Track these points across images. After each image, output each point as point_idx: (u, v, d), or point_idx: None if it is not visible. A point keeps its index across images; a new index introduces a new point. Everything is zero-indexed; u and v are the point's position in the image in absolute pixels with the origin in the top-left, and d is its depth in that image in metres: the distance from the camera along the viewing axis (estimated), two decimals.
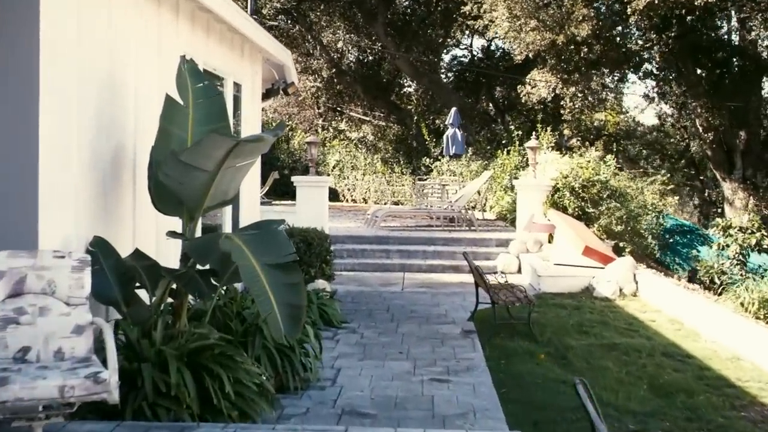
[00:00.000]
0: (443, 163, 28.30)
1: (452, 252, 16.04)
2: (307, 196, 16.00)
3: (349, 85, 32.32)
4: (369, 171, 31.73)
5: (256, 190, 13.21)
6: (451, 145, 21.03)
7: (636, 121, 39.77)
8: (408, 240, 16.71)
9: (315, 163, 16.38)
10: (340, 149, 33.86)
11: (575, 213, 15.72)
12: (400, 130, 33.28)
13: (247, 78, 12.39)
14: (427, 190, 23.93)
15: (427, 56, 31.60)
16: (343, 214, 24.42)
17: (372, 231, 17.82)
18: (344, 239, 16.69)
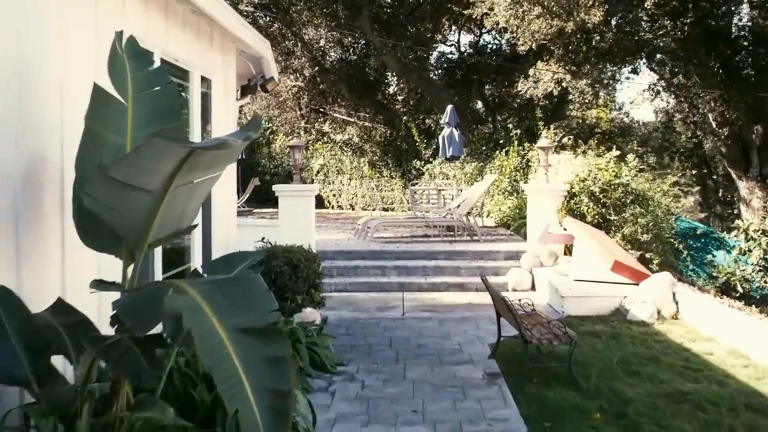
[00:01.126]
0: (435, 165, 26.52)
1: (456, 267, 14.20)
2: (290, 208, 14.12)
3: (332, 84, 30.42)
4: (356, 175, 29.91)
5: (231, 202, 11.33)
6: (447, 147, 19.18)
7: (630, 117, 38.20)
8: (406, 254, 14.85)
9: (299, 168, 14.51)
10: (324, 153, 32.01)
11: (594, 221, 13.90)
12: (387, 131, 31.43)
13: (218, 72, 10.51)
14: (419, 196, 22.09)
15: (416, 52, 29.75)
16: (330, 223, 22.53)
17: (364, 244, 15.96)
18: (334, 255, 14.82)
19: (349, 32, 29.70)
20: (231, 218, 11.26)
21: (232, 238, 11.26)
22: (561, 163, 15.48)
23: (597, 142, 28.25)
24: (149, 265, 7.83)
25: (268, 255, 10.46)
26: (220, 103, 10.64)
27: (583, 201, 13.95)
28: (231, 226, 11.24)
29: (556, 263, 13.98)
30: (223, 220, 10.75)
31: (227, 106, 10.94)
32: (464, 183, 24.51)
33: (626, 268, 11.74)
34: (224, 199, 10.82)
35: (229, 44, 10.94)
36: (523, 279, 13.72)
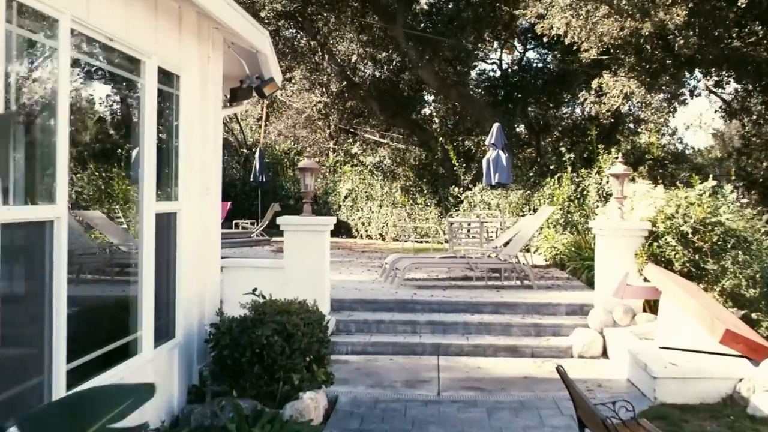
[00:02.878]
0: (475, 193, 23.60)
1: (506, 324, 11.25)
2: (298, 246, 11.25)
3: (362, 101, 27.60)
4: (387, 202, 27.02)
5: (211, 236, 8.46)
6: (493, 172, 16.25)
7: (684, 143, 35.11)
8: (442, 306, 11.90)
9: (311, 196, 11.65)
10: (353, 176, 29.16)
11: (683, 269, 10.88)
12: (422, 154, 28.53)
13: (192, 66, 7.69)
14: (458, 229, 19.14)
15: (455, 66, 26.85)
16: (355, 257, 19.65)
17: (391, 290, 13.05)
18: (353, 305, 11.94)
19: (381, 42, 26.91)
20: (210, 260, 8.43)
21: (210, 289, 8.42)
22: (637, 194, 12.49)
23: (648, 168, 25.21)
24: (43, 340, 5.03)
25: (253, 320, 7.58)
26: (194, 108, 7.81)
27: (670, 244, 10.94)
28: (209, 270, 8.41)
29: (633, 322, 10.99)
30: (196, 262, 7.93)
31: (205, 113, 8.11)
32: (509, 214, 21.58)
33: (741, 340, 8.71)
34: (199, 232, 7.99)
35: (210, 32, 8.13)
36: (592, 343, 10.71)
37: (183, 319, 7.59)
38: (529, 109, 29.06)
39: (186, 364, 7.76)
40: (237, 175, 33.79)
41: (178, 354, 7.50)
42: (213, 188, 8.45)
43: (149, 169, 6.66)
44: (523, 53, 31.00)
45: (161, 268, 7.18)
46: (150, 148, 6.67)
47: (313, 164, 11.60)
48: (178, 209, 7.46)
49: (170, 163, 7.44)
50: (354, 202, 28.46)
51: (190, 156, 7.75)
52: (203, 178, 8.12)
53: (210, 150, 8.30)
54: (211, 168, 8.38)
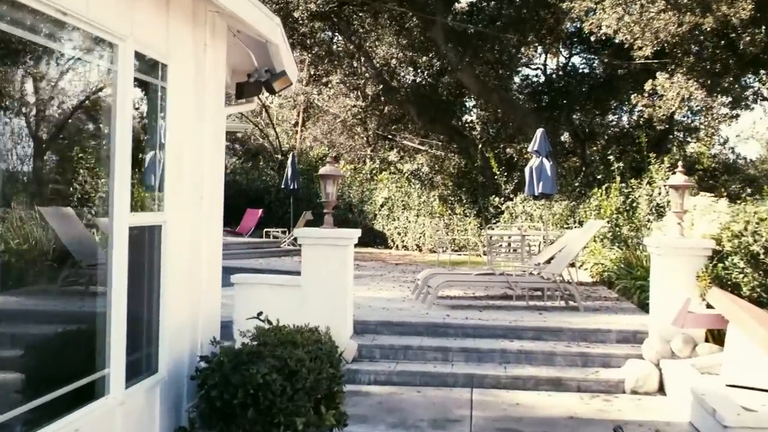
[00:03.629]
0: (516, 203, 22.34)
1: (549, 353, 10.01)
2: (317, 262, 10.10)
3: (400, 105, 26.43)
4: (424, 211, 25.80)
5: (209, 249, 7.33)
6: (536, 181, 14.98)
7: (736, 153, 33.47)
8: (478, 330, 10.67)
9: (332, 206, 10.48)
10: (390, 184, 27.99)
11: (753, 294, 9.54)
12: (462, 162, 27.28)
13: (184, 54, 6.57)
14: (498, 242, 17.89)
15: (497, 69, 25.59)
16: (388, 270, 18.49)
17: (422, 310, 11.85)
18: (378, 327, 10.77)
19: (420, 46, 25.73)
20: (206, 280, 7.28)
21: (205, 314, 7.27)
22: (698, 209, 11.18)
23: (697, 179, 23.85)
24: None
25: (250, 354, 6.42)
26: (187, 104, 6.70)
27: (737, 265, 9.61)
28: (205, 292, 7.26)
29: (694, 353, 9.68)
30: (187, 283, 6.81)
31: (202, 109, 6.98)
32: (552, 226, 20.29)
33: None
34: (191, 248, 6.88)
35: (208, 16, 7.01)
36: (648, 377, 9.43)
37: (169, 351, 6.46)
38: (574, 117, 27.72)
39: (172, 403, 6.62)
40: (271, 182, 32.77)
41: (161, 392, 6.36)
42: (211, 197, 7.32)
43: (122, 174, 5.54)
44: (569, 58, 29.73)
45: (140, 291, 6.07)
46: (123, 149, 5.54)
47: (335, 171, 10.43)
48: (163, 221, 6.34)
49: (154, 167, 6.33)
50: (390, 211, 27.32)
51: (181, 160, 6.63)
52: (197, 186, 6.98)
53: (207, 153, 7.17)
54: (209, 174, 7.25)
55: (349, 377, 9.37)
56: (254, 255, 21.49)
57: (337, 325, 9.91)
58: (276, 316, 7.64)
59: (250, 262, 19.85)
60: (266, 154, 38.06)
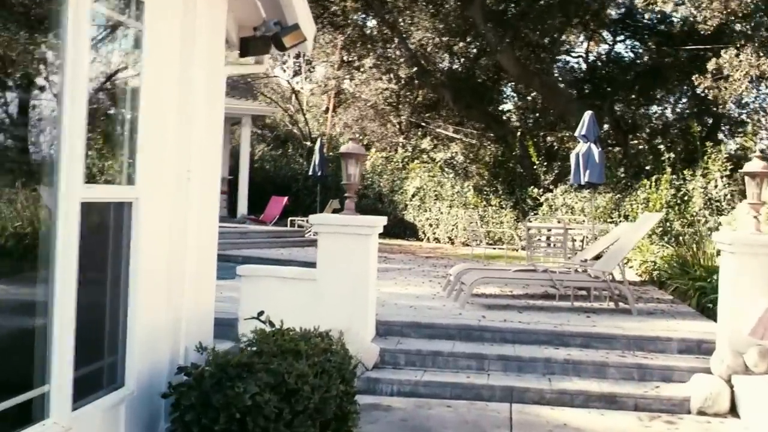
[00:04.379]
0: (557, 194, 20.95)
1: (601, 364, 8.65)
2: (336, 252, 8.81)
3: (434, 90, 25.06)
4: (457, 202, 24.45)
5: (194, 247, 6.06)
6: (583, 169, 13.61)
7: None
8: (518, 335, 9.32)
9: (355, 189, 9.19)
10: (422, 174, 26.63)
11: None
12: (499, 150, 25.85)
13: None
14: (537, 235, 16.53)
15: (537, 53, 24.14)
16: (417, 264, 17.18)
17: (455, 309, 10.52)
18: (404, 329, 9.44)
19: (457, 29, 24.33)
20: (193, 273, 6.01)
21: (189, 315, 5.99)
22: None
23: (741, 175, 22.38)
24: None
25: (238, 367, 5.13)
26: (170, 55, 5.43)
27: None
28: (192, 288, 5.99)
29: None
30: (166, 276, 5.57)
31: (190, 65, 5.71)
32: (595, 220, 18.91)
33: None
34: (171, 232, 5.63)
35: None
36: (718, 395, 8.05)
37: (139, 359, 5.20)
38: (616, 108, 26.24)
39: (143, 424, 5.36)
40: (299, 170, 31.52)
41: (127, 412, 5.11)
42: (203, 173, 6.05)
43: (72, 135, 4.29)
44: (612, 46, 28.21)
45: (101, 284, 4.85)
46: (75, 103, 4.29)
47: (358, 149, 9.14)
48: (135, 198, 5.08)
49: (123, 132, 5.08)
50: (422, 201, 26.00)
51: (162, 125, 5.37)
52: (183, 159, 5.72)
53: (200, 120, 5.90)
54: (201, 145, 5.98)
55: (368, 387, 8.11)
56: (276, 244, 20.27)
57: (357, 325, 8.69)
58: (287, 314, 6.44)
59: (272, 252, 18.65)
60: (295, 141, 36.85)
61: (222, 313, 8.91)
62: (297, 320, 8.62)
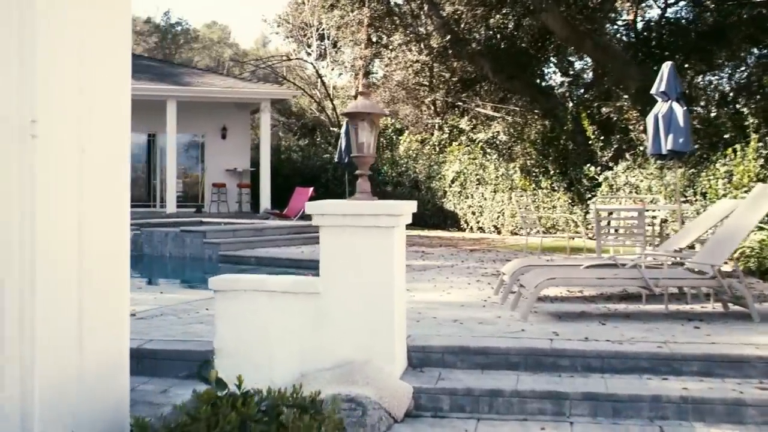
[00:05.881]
0: (618, 172, 18.19)
1: (734, 402, 5.91)
2: (344, 254, 6.18)
3: (471, 60, 22.30)
4: (502, 186, 21.75)
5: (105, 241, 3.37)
6: (664, 135, 10.85)
7: None
8: (608, 360, 6.58)
9: (369, 164, 6.53)
10: (461, 156, 23.96)
11: None
12: (547, 126, 23.03)
13: None
14: (606, 219, 13.79)
15: (587, 11, 21.29)
16: (459, 259, 14.55)
17: (514, 322, 7.82)
18: (447, 355, 6.74)
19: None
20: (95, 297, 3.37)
21: (68, 379, 3.34)
22: None
23: None
24: None
25: None
26: None
27: None
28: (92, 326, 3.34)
29: None
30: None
31: None
32: (665, 200, 16.19)
33: None
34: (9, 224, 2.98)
35: None
36: None
37: None
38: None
39: None
40: (329, 159, 28.99)
41: None
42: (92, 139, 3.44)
43: None
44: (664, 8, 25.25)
45: None
46: None
47: (371, 106, 6.40)
48: None
49: None
50: (462, 187, 23.36)
51: None
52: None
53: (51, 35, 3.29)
54: (58, 80, 3.37)
55: None
56: (297, 241, 17.73)
57: (379, 356, 6.11)
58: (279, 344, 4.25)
59: (291, 250, 16.13)
60: (323, 128, 34.38)
61: (199, 341, 6.43)
62: (293, 352, 6.09)
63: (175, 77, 27.74)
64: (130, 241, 13.33)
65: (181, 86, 25.92)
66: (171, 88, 25.25)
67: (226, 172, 27.77)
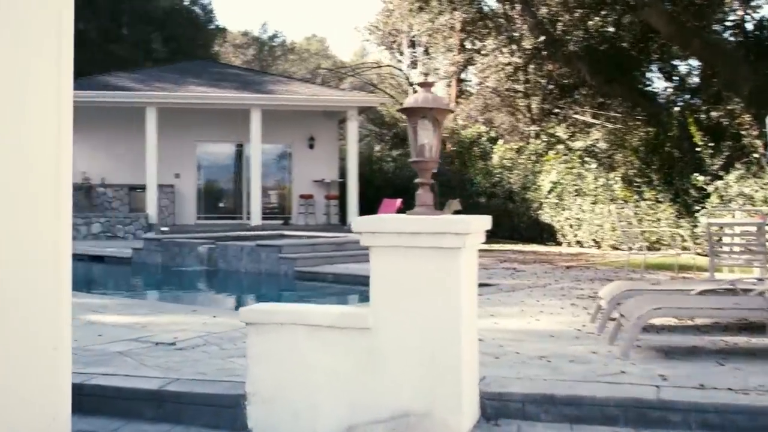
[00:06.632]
0: (729, 182, 16.64)
1: None
2: (400, 284, 5.04)
3: (567, 62, 20.96)
4: (602, 197, 20.35)
5: None
6: None
7: None
8: (731, 417, 5.24)
9: (431, 170, 5.36)
10: (558, 165, 22.63)
11: None
12: (650, 133, 21.52)
13: None
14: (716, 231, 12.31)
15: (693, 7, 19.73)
16: (553, 278, 13.28)
17: (612, 362, 6.53)
18: (527, 405, 5.50)
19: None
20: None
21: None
22: None
23: None
24: None
25: None
26: None
27: None
28: None
29: None
30: None
31: None
32: None
33: None
34: None
35: None
36: None
37: None
38: None
39: None
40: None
41: None
42: None
43: None
44: None
45: None
46: None
47: (433, 100, 5.23)
48: None
49: None
50: (559, 198, 22.04)
51: None
52: None
53: None
54: None
55: None
56: None
57: (443, 406, 4.98)
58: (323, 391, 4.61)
59: (364, 266, 15.06)
60: None
61: (232, 382, 5.48)
62: (339, 399, 5.02)
63: (259, 85, 27.14)
64: (204, 257, 12.35)
65: (265, 94, 25.25)
66: (255, 96, 24.63)
67: (314, 183, 27.01)
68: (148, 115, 23.84)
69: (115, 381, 5.72)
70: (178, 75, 27.67)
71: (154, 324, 8.30)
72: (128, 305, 9.96)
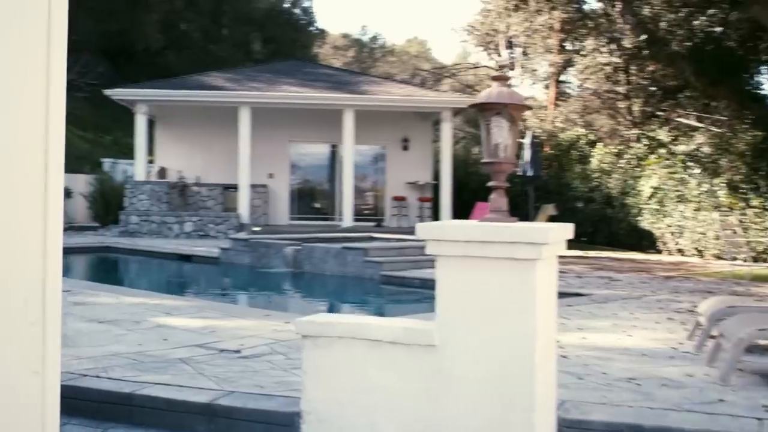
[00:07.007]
0: None
1: None
2: (469, 298, 4.54)
3: (669, 62, 20.08)
4: (706, 204, 19.40)
5: None
6: None
7: None
8: None
9: (507, 172, 4.85)
10: (659, 170, 21.74)
11: None
12: (758, 137, 20.46)
13: None
14: None
15: None
16: (651, 288, 12.58)
17: (709, 388, 5.92)
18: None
19: None
20: None
21: None
22: None
23: None
24: None
25: None
26: None
27: None
28: None
29: None
30: None
31: None
32: None
33: None
34: None
35: None
36: None
37: None
38: None
39: None
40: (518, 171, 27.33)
41: None
42: None
43: None
44: None
45: None
46: None
47: (509, 95, 4.73)
48: None
49: None
50: (660, 204, 21.14)
51: None
52: None
53: None
54: None
55: None
56: None
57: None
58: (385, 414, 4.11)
59: None
60: None
61: (289, 397, 5.19)
62: (401, 423, 4.70)
63: (352, 86, 26.90)
64: (290, 258, 12.00)
65: (358, 95, 25.00)
66: (347, 96, 24.41)
67: (407, 185, 26.62)
68: (241, 115, 23.86)
69: (166, 392, 5.39)
70: (271, 75, 27.68)
71: (223, 329, 8.00)
72: (201, 308, 9.71)
